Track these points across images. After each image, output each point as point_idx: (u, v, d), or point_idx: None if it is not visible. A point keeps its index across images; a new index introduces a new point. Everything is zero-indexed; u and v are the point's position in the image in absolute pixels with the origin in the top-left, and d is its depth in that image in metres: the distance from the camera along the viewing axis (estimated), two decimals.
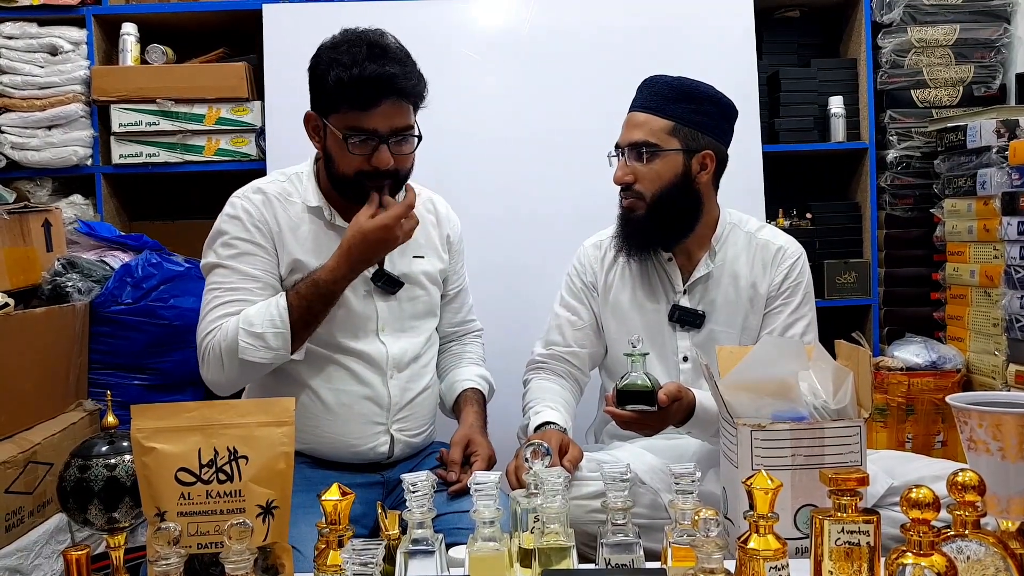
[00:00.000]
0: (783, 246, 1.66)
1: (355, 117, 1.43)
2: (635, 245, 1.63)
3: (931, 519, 0.84)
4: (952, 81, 2.56)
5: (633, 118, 1.60)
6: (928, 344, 2.38)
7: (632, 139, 1.57)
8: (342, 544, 0.93)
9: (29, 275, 1.98)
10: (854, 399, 1.18)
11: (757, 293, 1.64)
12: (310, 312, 1.45)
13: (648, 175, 1.57)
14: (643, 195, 1.58)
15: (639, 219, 1.59)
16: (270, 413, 1.04)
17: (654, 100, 1.58)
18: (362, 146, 1.44)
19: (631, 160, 1.58)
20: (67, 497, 1.03)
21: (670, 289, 1.65)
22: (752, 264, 1.65)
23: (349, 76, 1.40)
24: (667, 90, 1.58)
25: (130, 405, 1.04)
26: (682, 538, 0.94)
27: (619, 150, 1.61)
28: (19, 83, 2.43)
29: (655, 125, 1.57)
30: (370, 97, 1.41)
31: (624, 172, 1.58)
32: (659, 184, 1.57)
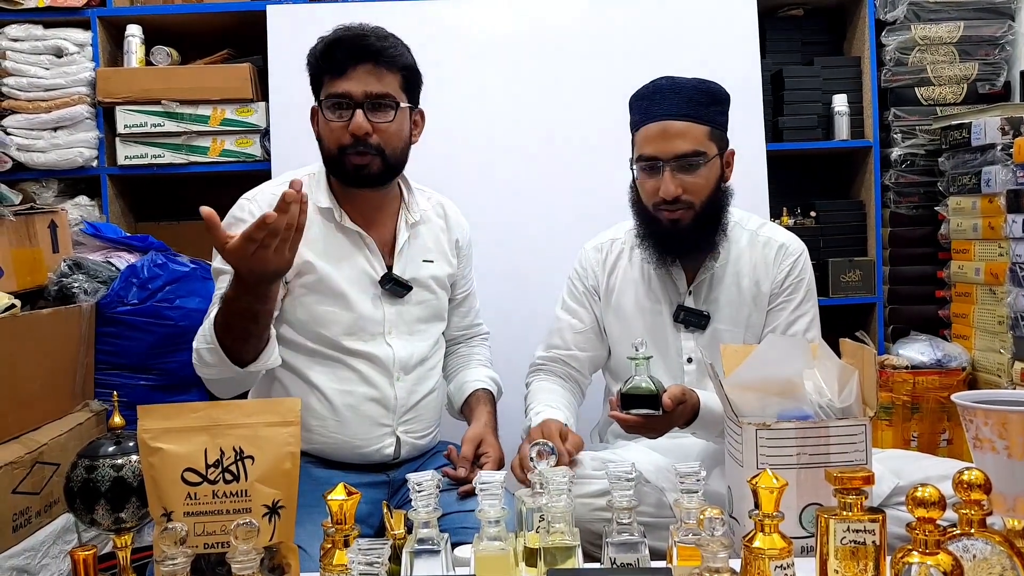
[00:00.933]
0: (785, 243, 1.65)
1: (331, 83, 1.48)
2: (675, 253, 1.60)
3: (937, 518, 0.84)
4: (956, 79, 2.55)
5: (670, 127, 1.52)
6: (933, 342, 2.38)
7: (679, 150, 1.51)
8: (348, 544, 0.93)
9: (35, 276, 1.99)
10: (859, 398, 1.18)
11: (760, 291, 1.63)
12: (231, 328, 1.33)
13: (696, 185, 1.53)
14: (692, 205, 1.54)
15: (686, 229, 1.55)
16: (276, 413, 1.04)
17: (689, 107, 1.53)
18: (339, 113, 1.48)
19: (677, 172, 1.52)
20: (74, 497, 1.04)
21: (673, 290, 1.64)
22: (755, 262, 1.64)
23: (324, 43, 1.48)
24: (697, 95, 1.54)
25: (136, 405, 1.04)
26: (687, 537, 0.94)
27: (657, 163, 1.53)
28: (25, 85, 2.44)
29: (697, 132, 1.52)
30: (343, 60, 1.46)
31: (675, 185, 1.51)
32: (706, 192, 1.54)
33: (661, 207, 1.54)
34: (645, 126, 1.55)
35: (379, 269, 1.55)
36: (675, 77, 1.57)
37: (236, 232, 1.46)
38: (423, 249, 1.62)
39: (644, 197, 1.59)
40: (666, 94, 1.55)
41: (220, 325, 1.34)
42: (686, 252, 1.60)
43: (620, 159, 2.35)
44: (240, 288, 1.28)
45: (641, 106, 1.58)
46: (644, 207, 1.59)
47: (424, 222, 1.63)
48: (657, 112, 1.54)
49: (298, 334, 1.53)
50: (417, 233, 1.62)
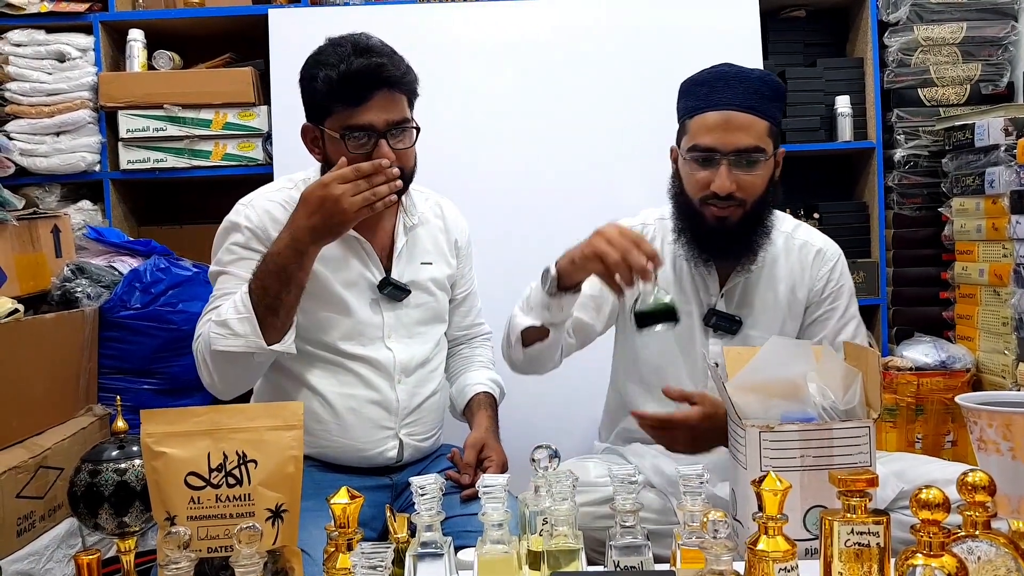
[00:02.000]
0: (822, 248, 1.58)
1: (349, 114, 1.41)
2: (714, 252, 1.51)
3: (941, 520, 0.84)
4: (959, 79, 2.55)
5: (734, 119, 1.42)
6: (937, 344, 2.37)
7: (741, 144, 1.41)
8: (351, 547, 0.93)
9: (39, 281, 2.00)
10: (863, 400, 1.17)
11: (796, 298, 1.56)
12: (267, 293, 1.36)
13: (752, 183, 1.44)
14: (743, 204, 1.45)
15: (732, 228, 1.46)
16: (279, 417, 1.04)
17: (754, 99, 1.43)
18: (361, 144, 1.43)
19: (734, 167, 1.43)
20: (78, 502, 1.04)
21: (704, 292, 1.56)
22: (791, 268, 1.56)
23: (338, 73, 1.39)
24: (763, 87, 1.44)
25: (139, 410, 1.05)
26: (691, 540, 0.94)
27: (713, 155, 1.44)
28: (27, 90, 2.45)
29: (759, 128, 1.43)
30: (361, 91, 1.40)
31: (731, 181, 1.42)
32: (759, 191, 1.46)
33: (710, 202, 1.45)
34: (703, 113, 1.45)
35: (377, 274, 1.55)
36: (738, 65, 1.48)
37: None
38: (421, 251, 1.61)
39: (691, 189, 1.49)
40: (731, 82, 1.44)
41: (258, 291, 1.37)
42: (726, 252, 1.51)
43: (621, 159, 2.37)
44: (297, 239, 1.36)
45: (700, 92, 1.47)
46: (688, 200, 1.50)
47: (422, 224, 1.63)
48: (719, 100, 1.43)
49: (298, 339, 1.53)
50: (415, 235, 1.61)
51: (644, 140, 2.37)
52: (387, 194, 1.37)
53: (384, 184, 1.37)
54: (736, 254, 1.52)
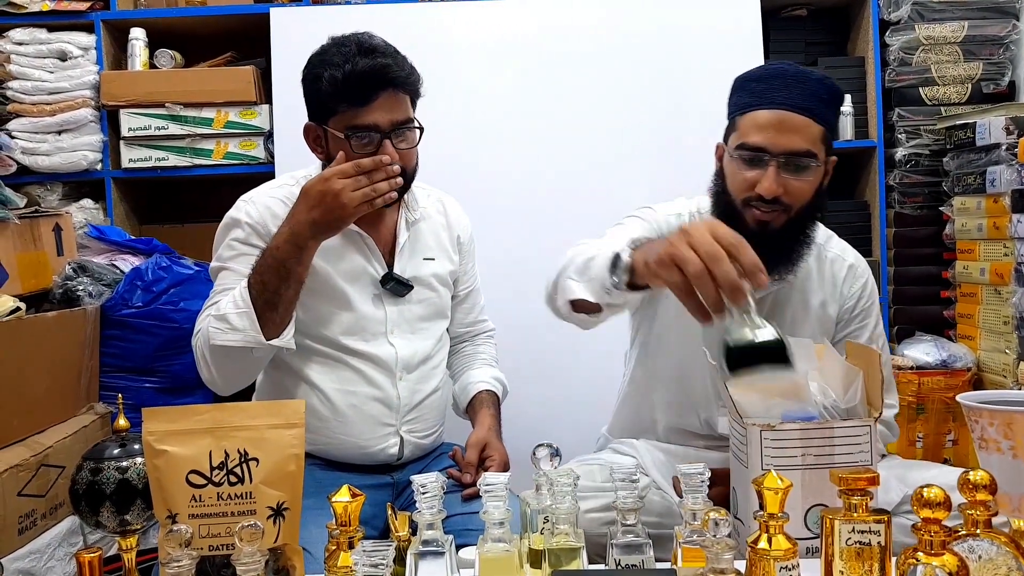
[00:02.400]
0: (854, 264, 1.53)
1: (354, 114, 1.42)
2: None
3: (942, 518, 0.84)
4: (961, 78, 2.55)
5: (789, 120, 1.34)
6: (938, 343, 2.37)
7: (793, 147, 1.34)
8: (352, 545, 0.93)
9: (40, 279, 2.00)
10: (864, 399, 1.17)
11: (826, 314, 1.51)
12: (266, 288, 1.37)
13: (800, 189, 1.36)
14: (789, 209, 1.37)
15: (773, 234, 1.37)
16: (280, 415, 1.04)
17: (812, 101, 1.35)
18: (365, 144, 1.43)
19: (784, 170, 1.35)
20: (79, 500, 1.04)
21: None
22: (823, 282, 1.51)
23: (343, 73, 1.40)
24: (822, 90, 1.37)
25: (141, 408, 1.05)
26: (692, 538, 0.94)
27: (763, 156, 1.35)
28: (29, 88, 2.45)
29: (813, 132, 1.35)
30: (366, 91, 1.41)
31: (778, 184, 1.34)
32: (806, 197, 1.38)
33: (753, 204, 1.37)
34: (755, 111, 1.37)
35: (379, 269, 1.55)
36: (798, 65, 1.41)
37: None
38: (424, 247, 1.62)
39: (734, 189, 1.40)
40: (788, 81, 1.36)
41: (257, 285, 1.37)
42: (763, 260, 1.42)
43: (622, 157, 2.37)
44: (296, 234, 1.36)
45: (755, 88, 1.39)
46: (730, 200, 1.41)
47: (424, 219, 1.63)
48: (775, 98, 1.36)
49: (300, 335, 1.53)
50: (418, 231, 1.62)
51: (645, 138, 2.38)
52: (387, 191, 1.38)
53: (384, 181, 1.37)
54: (774, 263, 1.39)
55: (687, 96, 2.37)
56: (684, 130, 2.36)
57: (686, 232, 1.01)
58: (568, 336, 2.20)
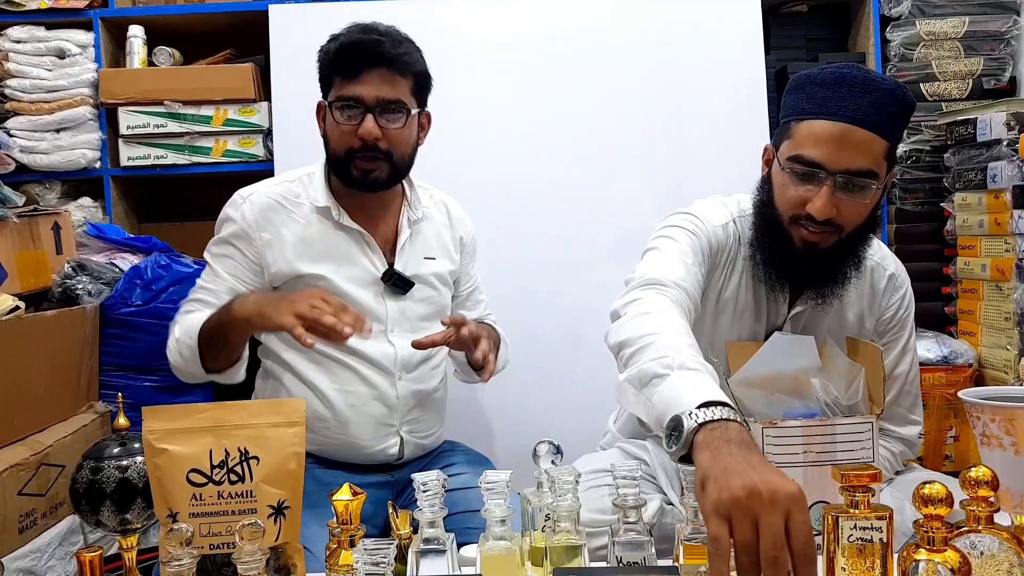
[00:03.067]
0: (895, 273, 1.45)
1: (342, 85, 1.48)
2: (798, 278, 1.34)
3: (944, 515, 0.84)
4: (961, 74, 2.54)
5: (852, 134, 1.20)
6: (939, 339, 2.37)
7: (854, 166, 1.21)
8: (353, 544, 0.93)
9: (39, 278, 1.99)
10: (866, 395, 1.17)
11: (863, 327, 1.42)
12: (212, 338, 1.45)
13: (855, 211, 1.24)
14: (840, 231, 1.26)
15: (820, 255, 1.28)
16: (281, 413, 1.04)
17: (880, 115, 1.21)
18: (348, 117, 1.47)
19: (840, 190, 1.22)
20: (80, 499, 1.04)
21: (773, 312, 1.39)
22: (862, 293, 1.42)
23: (339, 44, 1.47)
24: (891, 102, 1.22)
25: (141, 407, 1.04)
26: (694, 535, 0.94)
27: (820, 172, 1.23)
28: (27, 87, 2.44)
29: (878, 149, 1.22)
30: (356, 64, 1.46)
31: (832, 205, 1.22)
32: (861, 219, 1.27)
33: (802, 223, 1.26)
34: (816, 120, 1.23)
35: (380, 266, 1.56)
36: (869, 71, 1.26)
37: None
38: (425, 246, 1.62)
39: (782, 203, 1.29)
40: (855, 89, 1.22)
41: (209, 329, 1.44)
42: (807, 281, 1.33)
43: (623, 155, 2.36)
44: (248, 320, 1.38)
45: (816, 94, 1.25)
46: (775, 213, 1.30)
47: (426, 219, 1.64)
48: (840, 110, 1.21)
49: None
50: (419, 230, 1.62)
51: (646, 136, 2.37)
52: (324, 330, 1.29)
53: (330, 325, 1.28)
54: (819, 284, 1.33)
55: (688, 92, 2.37)
56: (685, 126, 2.36)
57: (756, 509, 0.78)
58: (571, 334, 2.22)
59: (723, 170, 2.20)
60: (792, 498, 0.78)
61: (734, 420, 0.88)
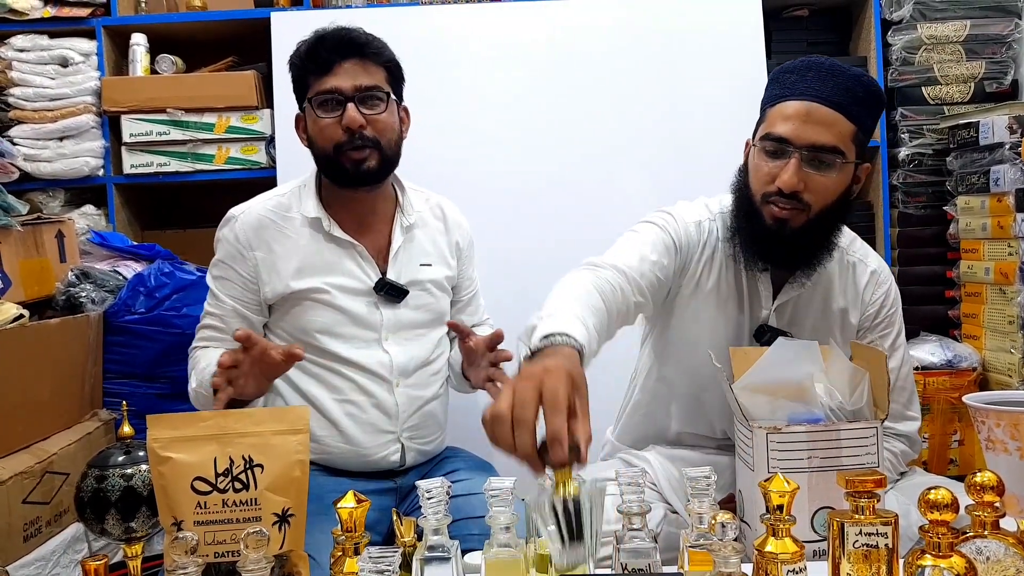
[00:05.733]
0: (876, 270, 1.47)
1: (319, 82, 1.48)
2: (768, 259, 1.38)
3: (950, 520, 0.84)
4: (963, 77, 2.54)
5: (816, 111, 1.28)
6: (943, 343, 2.36)
7: (817, 140, 1.28)
8: (358, 552, 0.93)
9: (43, 286, 2.00)
10: (870, 400, 1.17)
11: (847, 321, 1.45)
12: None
13: (822, 186, 1.30)
14: (809, 206, 1.31)
15: (792, 233, 1.33)
16: (285, 421, 1.04)
17: (844, 96, 1.28)
18: (329, 110, 1.48)
19: (806, 164, 1.29)
20: (84, 507, 1.04)
21: (757, 304, 1.43)
22: (844, 287, 1.45)
23: (308, 45, 1.49)
24: (857, 86, 1.30)
25: (145, 414, 1.05)
26: (699, 542, 0.94)
27: (786, 147, 1.30)
28: (30, 95, 2.45)
29: (843, 128, 1.29)
30: (329, 56, 1.47)
31: (798, 178, 1.29)
32: (829, 197, 1.32)
33: (772, 198, 1.32)
34: (784, 102, 1.31)
35: (372, 276, 1.55)
36: (836, 60, 1.33)
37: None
38: (420, 252, 1.61)
39: (755, 183, 1.35)
40: (823, 74, 1.30)
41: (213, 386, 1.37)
42: (780, 260, 1.39)
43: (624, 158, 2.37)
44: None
45: (787, 79, 1.34)
46: (750, 196, 1.37)
47: (420, 225, 1.63)
48: (804, 90, 1.30)
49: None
50: (413, 237, 1.61)
51: (647, 139, 2.38)
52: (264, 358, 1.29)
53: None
54: (791, 265, 1.39)
55: (689, 97, 2.37)
56: (686, 130, 2.36)
57: (512, 385, 0.93)
58: None
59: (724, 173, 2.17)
60: (546, 372, 0.93)
61: (561, 345, 1.02)
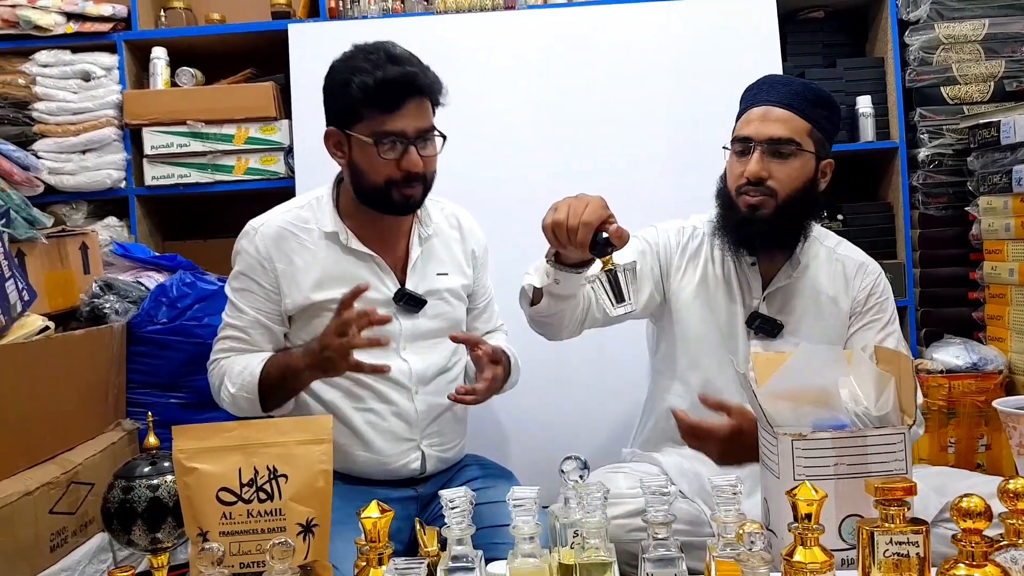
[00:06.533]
0: (864, 263, 1.63)
1: (382, 121, 1.45)
2: (750, 244, 1.57)
3: (983, 528, 0.82)
4: (983, 77, 2.52)
5: (771, 112, 1.52)
6: (968, 345, 2.33)
7: (774, 133, 1.51)
8: (382, 562, 0.93)
9: (68, 298, 2.02)
10: (897, 405, 1.15)
11: (838, 308, 1.60)
12: (275, 390, 1.50)
13: (783, 173, 1.51)
14: (775, 193, 1.52)
15: (765, 218, 1.52)
16: (308, 431, 1.05)
17: (794, 99, 1.52)
18: (392, 150, 1.46)
19: (767, 156, 1.51)
20: (111, 518, 1.05)
21: (748, 293, 1.61)
22: (833, 279, 1.61)
23: (374, 80, 1.43)
24: (806, 91, 1.54)
25: (167, 424, 1.05)
26: (726, 551, 0.93)
27: (749, 144, 1.53)
28: (54, 109, 2.48)
29: (797, 124, 1.51)
30: (395, 97, 1.44)
31: (761, 167, 1.50)
32: (792, 185, 1.52)
33: (743, 190, 1.53)
34: (749, 110, 1.56)
35: (392, 286, 1.56)
36: (788, 76, 1.61)
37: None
38: (437, 262, 1.62)
39: (730, 180, 1.57)
40: (775, 84, 1.57)
41: (269, 381, 1.49)
42: (761, 246, 1.57)
43: (640, 163, 2.36)
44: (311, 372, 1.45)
45: (749, 95, 1.59)
46: (728, 193, 1.58)
47: (437, 235, 1.64)
48: (762, 98, 1.55)
49: None
50: (430, 246, 1.62)
51: (663, 144, 2.37)
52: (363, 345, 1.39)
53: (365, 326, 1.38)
54: (767, 248, 1.57)
55: (705, 100, 2.36)
56: (702, 135, 2.34)
57: (562, 203, 1.29)
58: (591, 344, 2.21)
59: None
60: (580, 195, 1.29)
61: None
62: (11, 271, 1.67)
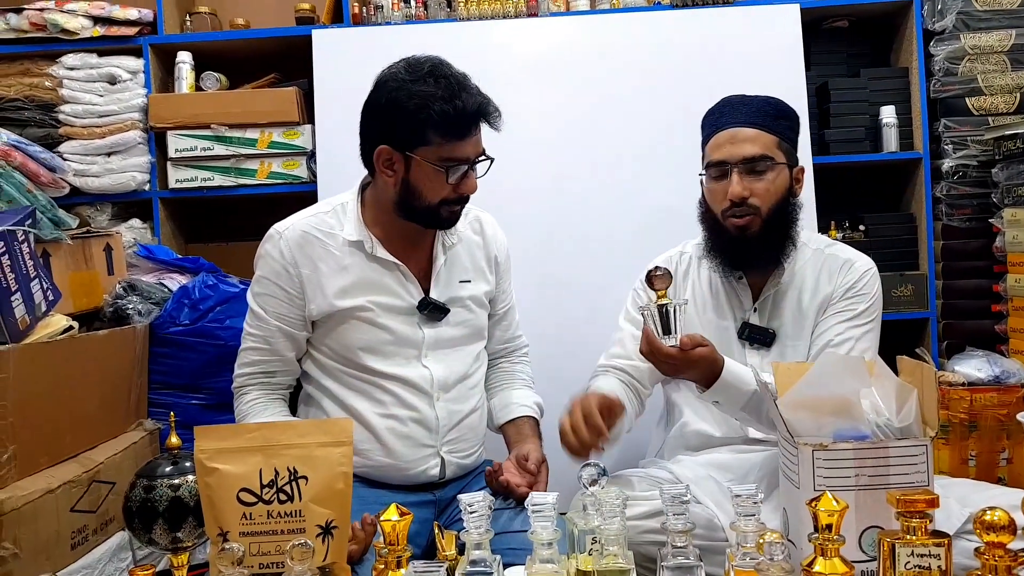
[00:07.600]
0: (851, 259, 1.63)
1: (451, 148, 1.45)
2: (743, 264, 1.60)
3: (1007, 542, 0.81)
4: (1008, 88, 2.49)
5: (739, 133, 1.56)
6: (990, 358, 2.30)
7: (747, 153, 1.54)
8: (400, 565, 0.93)
9: (92, 298, 2.04)
10: (919, 417, 1.14)
11: (821, 303, 1.60)
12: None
13: (763, 189, 1.55)
14: (759, 210, 1.55)
15: (755, 236, 1.55)
16: (329, 433, 1.05)
17: (758, 117, 1.57)
18: (458, 175, 1.48)
19: (745, 175, 1.54)
20: (133, 517, 1.06)
21: (739, 307, 1.63)
22: (818, 275, 1.62)
23: (453, 109, 1.42)
24: (767, 107, 1.58)
25: (191, 425, 1.06)
26: (745, 561, 0.93)
27: (725, 167, 1.56)
28: (80, 112, 2.52)
29: (765, 140, 1.55)
30: (470, 126, 1.47)
31: (742, 187, 1.54)
32: (774, 199, 1.55)
33: (729, 213, 1.56)
34: (716, 135, 1.59)
35: (416, 295, 1.56)
36: (746, 94, 1.62)
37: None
38: (460, 270, 1.62)
39: (713, 204, 1.60)
40: (736, 106, 1.60)
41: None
42: (753, 263, 1.60)
43: (663, 174, 2.36)
44: None
45: (711, 119, 1.63)
46: (713, 217, 1.60)
47: (460, 242, 1.64)
48: (727, 121, 1.58)
49: (336, 362, 1.55)
50: (454, 255, 1.62)
51: (687, 154, 2.35)
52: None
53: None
54: (761, 264, 1.60)
55: None
56: None
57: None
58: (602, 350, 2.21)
59: None
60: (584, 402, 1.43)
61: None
62: (36, 271, 1.69)
